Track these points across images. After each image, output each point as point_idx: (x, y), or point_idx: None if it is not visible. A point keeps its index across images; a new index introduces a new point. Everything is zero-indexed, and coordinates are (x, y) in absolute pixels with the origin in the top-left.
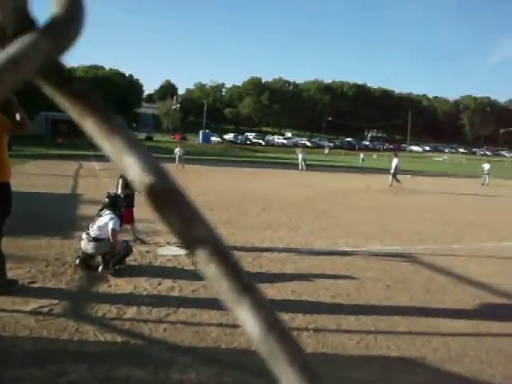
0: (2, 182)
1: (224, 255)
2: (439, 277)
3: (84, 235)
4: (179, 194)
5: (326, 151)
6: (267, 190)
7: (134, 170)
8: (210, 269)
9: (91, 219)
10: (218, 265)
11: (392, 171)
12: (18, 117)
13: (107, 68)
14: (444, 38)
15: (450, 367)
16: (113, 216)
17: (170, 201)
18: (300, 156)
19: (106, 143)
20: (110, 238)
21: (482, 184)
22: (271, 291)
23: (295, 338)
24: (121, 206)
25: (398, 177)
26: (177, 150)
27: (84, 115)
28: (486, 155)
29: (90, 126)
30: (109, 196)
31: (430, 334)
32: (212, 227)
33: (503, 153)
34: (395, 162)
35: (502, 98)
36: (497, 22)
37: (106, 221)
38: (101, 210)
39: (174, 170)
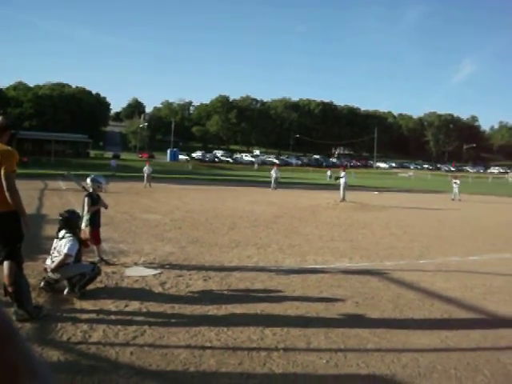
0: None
1: None
2: (407, 292)
3: (48, 261)
4: (10, 337)
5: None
6: (236, 207)
7: None
8: None
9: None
10: None
11: (341, 186)
12: None
13: (73, 86)
14: (408, 58)
15: (419, 383)
16: (71, 239)
17: None
18: (274, 175)
19: None
20: (60, 258)
21: (453, 199)
22: (240, 311)
23: None
24: (76, 224)
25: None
26: (145, 169)
27: None
28: (451, 171)
29: None
30: (62, 216)
31: (399, 350)
32: (45, 381)
33: (467, 168)
34: (343, 175)
35: (464, 114)
36: (458, 43)
37: (64, 244)
38: (58, 232)
39: (141, 189)
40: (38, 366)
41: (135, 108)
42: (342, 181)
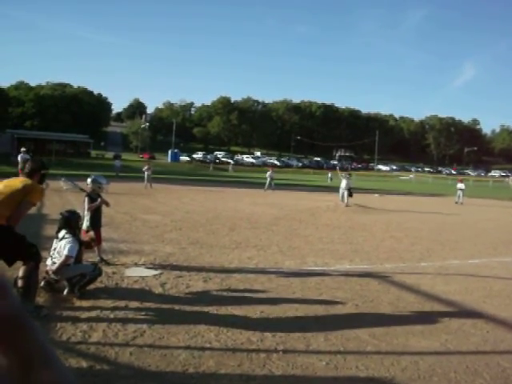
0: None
1: None
2: (407, 295)
3: (49, 261)
4: (24, 327)
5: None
6: (236, 209)
7: None
8: None
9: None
10: None
11: (345, 189)
12: None
13: (75, 86)
14: (409, 62)
15: None
16: (70, 240)
17: (9, 333)
18: (268, 178)
19: None
20: (61, 260)
21: (456, 202)
22: (239, 312)
23: None
24: (76, 224)
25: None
26: (145, 169)
27: None
28: (452, 174)
29: None
30: (62, 215)
31: (398, 353)
32: (60, 371)
33: (468, 171)
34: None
35: (465, 118)
36: (459, 47)
37: (64, 246)
38: (58, 232)
39: (142, 190)
40: (52, 357)
41: (136, 108)
42: (343, 184)
